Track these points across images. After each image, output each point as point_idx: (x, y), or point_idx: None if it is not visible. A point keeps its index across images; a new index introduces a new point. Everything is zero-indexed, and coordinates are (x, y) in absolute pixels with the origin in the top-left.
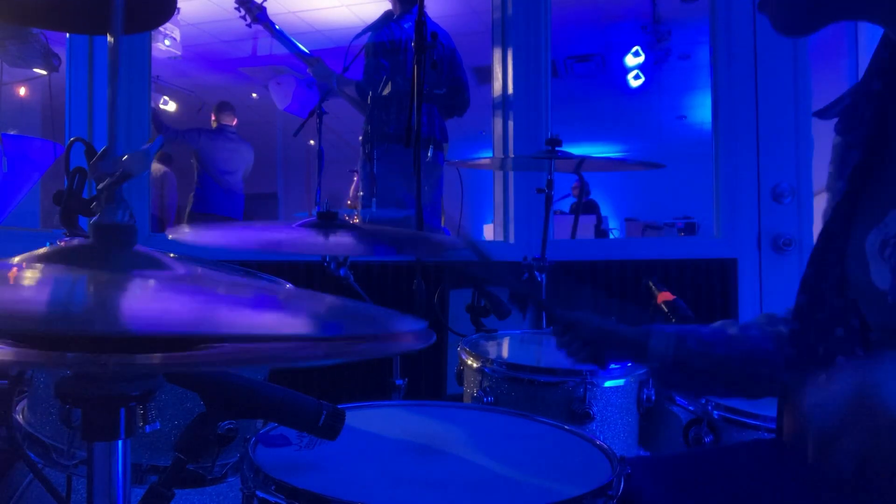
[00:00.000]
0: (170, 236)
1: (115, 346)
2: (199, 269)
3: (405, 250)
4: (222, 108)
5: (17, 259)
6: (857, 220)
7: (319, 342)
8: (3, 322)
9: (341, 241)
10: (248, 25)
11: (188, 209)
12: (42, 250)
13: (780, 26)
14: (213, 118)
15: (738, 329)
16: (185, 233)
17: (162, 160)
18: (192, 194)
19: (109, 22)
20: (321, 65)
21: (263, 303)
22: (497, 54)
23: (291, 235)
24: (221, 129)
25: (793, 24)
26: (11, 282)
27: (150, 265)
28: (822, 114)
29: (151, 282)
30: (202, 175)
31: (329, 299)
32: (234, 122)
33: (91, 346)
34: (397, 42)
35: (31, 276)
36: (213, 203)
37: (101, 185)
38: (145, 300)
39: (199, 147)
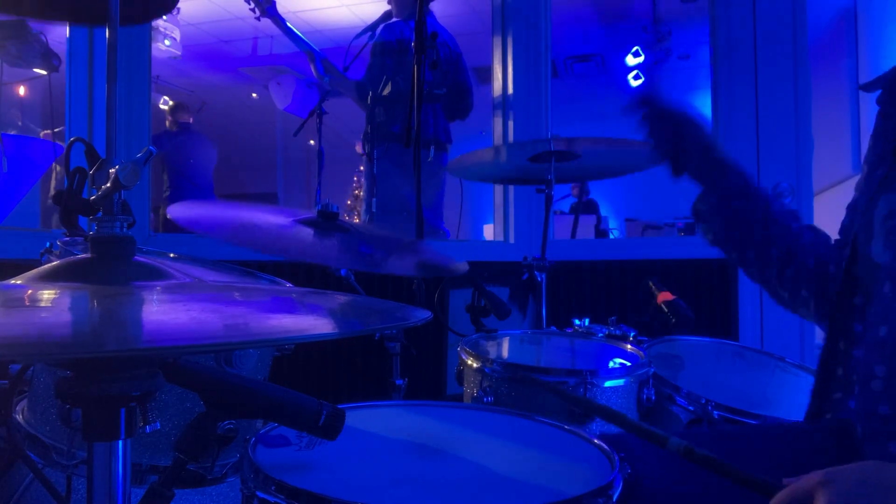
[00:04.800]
0: (169, 215)
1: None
2: (204, 274)
3: (400, 267)
4: (178, 108)
5: (19, 279)
6: (877, 192)
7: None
8: (37, 349)
9: (337, 249)
10: (258, 19)
11: (162, 213)
12: (44, 268)
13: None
14: (169, 119)
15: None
16: (184, 212)
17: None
18: (165, 197)
19: (108, 13)
20: (327, 63)
21: (282, 306)
22: (497, 54)
23: (292, 232)
24: (184, 128)
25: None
26: (27, 304)
27: (157, 276)
28: (868, 87)
29: (161, 292)
30: (174, 178)
31: (339, 296)
32: (191, 120)
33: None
34: (405, 42)
35: (47, 299)
36: None
37: (96, 197)
38: (171, 313)
39: (166, 151)
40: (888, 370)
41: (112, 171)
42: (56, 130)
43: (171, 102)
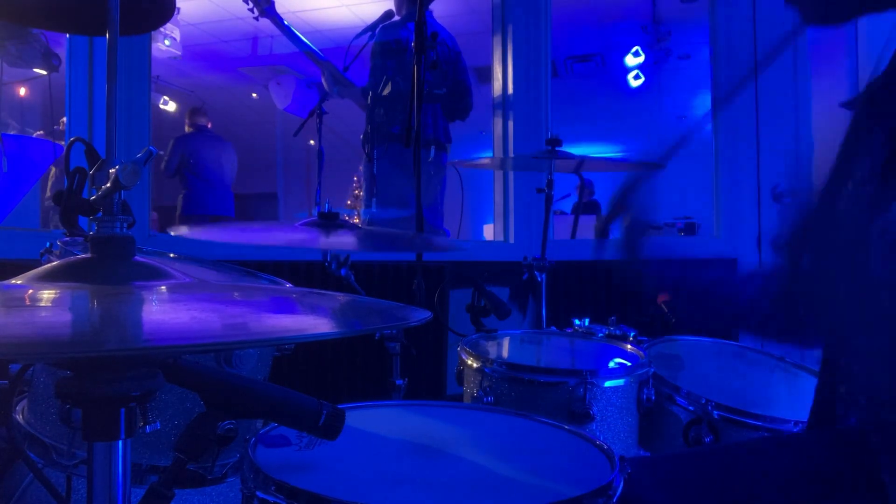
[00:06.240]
0: (172, 233)
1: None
2: (204, 274)
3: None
4: (194, 112)
5: (19, 279)
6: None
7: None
8: (37, 349)
9: (343, 240)
10: (256, 19)
11: (178, 212)
12: (44, 268)
13: (811, 18)
14: (186, 123)
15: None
16: (186, 231)
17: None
18: (181, 196)
19: (107, 24)
20: (329, 64)
21: (282, 306)
22: (497, 53)
23: (293, 236)
24: (200, 130)
25: (826, 15)
26: (27, 304)
27: (157, 276)
28: (850, 105)
29: (161, 292)
30: (189, 177)
31: (339, 296)
32: (209, 125)
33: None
34: (404, 42)
35: (47, 299)
36: (203, 203)
37: (96, 197)
38: (172, 313)
39: (182, 152)
40: (892, 379)
41: (112, 171)
42: (53, 128)
43: (172, 104)
